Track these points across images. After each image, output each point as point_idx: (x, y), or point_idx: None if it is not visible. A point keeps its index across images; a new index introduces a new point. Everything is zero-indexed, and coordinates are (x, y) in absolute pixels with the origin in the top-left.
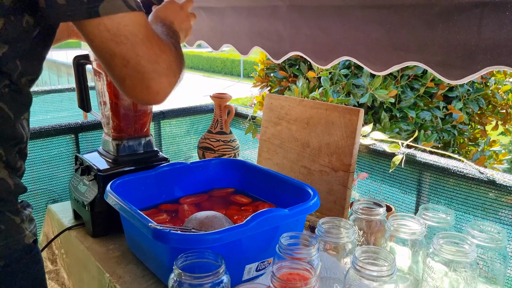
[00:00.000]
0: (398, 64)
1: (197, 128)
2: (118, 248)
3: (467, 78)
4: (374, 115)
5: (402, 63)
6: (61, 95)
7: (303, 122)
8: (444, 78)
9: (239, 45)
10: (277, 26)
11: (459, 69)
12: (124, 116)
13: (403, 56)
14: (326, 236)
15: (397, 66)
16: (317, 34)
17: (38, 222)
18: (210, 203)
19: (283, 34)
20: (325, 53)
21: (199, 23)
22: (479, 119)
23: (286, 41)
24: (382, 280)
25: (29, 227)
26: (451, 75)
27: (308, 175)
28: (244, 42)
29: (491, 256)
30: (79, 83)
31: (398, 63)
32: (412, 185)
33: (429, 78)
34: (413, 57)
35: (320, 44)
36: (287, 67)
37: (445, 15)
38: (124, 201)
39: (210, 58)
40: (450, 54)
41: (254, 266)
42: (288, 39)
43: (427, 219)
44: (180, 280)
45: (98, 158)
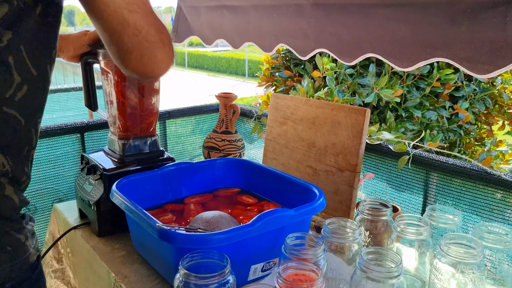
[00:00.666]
0: (425, 60)
1: (202, 128)
2: (124, 247)
3: (495, 72)
4: (380, 115)
5: (429, 59)
6: (67, 94)
7: (309, 122)
8: (472, 73)
9: (262, 43)
10: (302, 24)
11: (487, 64)
12: (130, 115)
13: (430, 53)
14: (332, 237)
15: (423, 62)
16: (341, 31)
17: (44, 221)
18: (215, 202)
19: (307, 32)
20: (350, 50)
21: (220, 21)
22: (485, 119)
23: (311, 39)
24: (388, 281)
25: (32, 243)
26: (480, 70)
27: (314, 175)
28: (268, 40)
29: (499, 258)
30: (86, 82)
31: (425, 59)
32: (419, 185)
33: (435, 77)
34: (440, 53)
35: (345, 42)
36: (292, 67)
37: (470, 13)
38: (129, 201)
39: (215, 58)
40: (476, 50)
41: (259, 267)
42: (313, 37)
43: (434, 220)
44: (186, 280)
45: (104, 158)
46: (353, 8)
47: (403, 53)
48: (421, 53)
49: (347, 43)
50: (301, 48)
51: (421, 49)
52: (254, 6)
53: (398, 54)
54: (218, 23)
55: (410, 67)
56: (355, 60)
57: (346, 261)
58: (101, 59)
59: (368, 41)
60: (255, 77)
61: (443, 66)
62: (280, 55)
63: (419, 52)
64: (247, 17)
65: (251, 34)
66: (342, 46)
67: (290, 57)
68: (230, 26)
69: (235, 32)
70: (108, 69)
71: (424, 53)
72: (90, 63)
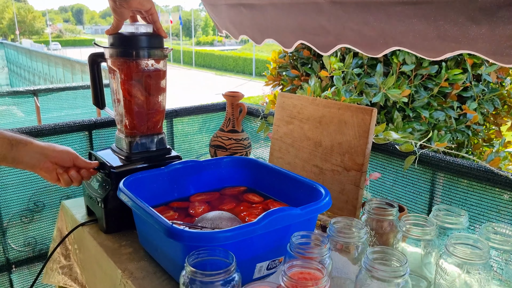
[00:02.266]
0: (451, 52)
1: (209, 126)
2: (130, 244)
3: None
4: (387, 115)
5: (455, 51)
6: (75, 93)
7: (315, 121)
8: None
9: (282, 40)
10: (321, 21)
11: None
12: (137, 113)
13: (454, 47)
14: (338, 236)
15: (449, 53)
16: (362, 28)
17: (52, 218)
18: (221, 201)
19: (328, 29)
20: (374, 44)
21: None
22: (494, 119)
23: (332, 35)
24: (394, 281)
25: None
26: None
27: (320, 174)
28: (288, 36)
29: (505, 258)
30: (94, 81)
31: (451, 51)
32: (425, 185)
33: (443, 77)
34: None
35: (368, 37)
36: (299, 66)
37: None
38: (136, 198)
39: (222, 57)
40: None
41: (265, 265)
42: (333, 33)
43: (440, 220)
44: (192, 277)
45: (111, 155)
46: (371, 6)
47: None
48: (446, 46)
49: (370, 38)
50: (322, 44)
51: (446, 43)
52: (272, 4)
53: (424, 47)
54: (239, 20)
55: (438, 57)
56: (382, 53)
57: (352, 260)
58: (108, 58)
59: (392, 36)
60: (262, 76)
61: (451, 66)
62: (287, 54)
63: (444, 46)
64: (265, 14)
65: (270, 31)
66: (365, 41)
67: (297, 57)
68: (249, 23)
69: (256, 29)
70: (115, 67)
71: (449, 47)
72: (97, 61)
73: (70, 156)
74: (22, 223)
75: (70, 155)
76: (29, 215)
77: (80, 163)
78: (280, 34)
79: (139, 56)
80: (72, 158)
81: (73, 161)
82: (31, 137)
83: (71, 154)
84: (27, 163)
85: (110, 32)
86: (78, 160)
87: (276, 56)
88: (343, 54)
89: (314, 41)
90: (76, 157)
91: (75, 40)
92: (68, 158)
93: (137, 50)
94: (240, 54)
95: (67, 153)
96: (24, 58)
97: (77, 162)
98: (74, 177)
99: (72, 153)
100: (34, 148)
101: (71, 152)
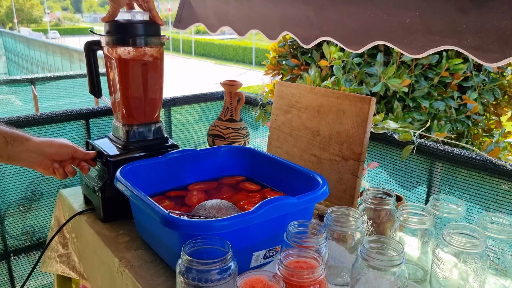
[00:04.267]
0: (434, 48)
1: (207, 116)
2: (128, 233)
3: (504, 61)
4: (387, 105)
5: (439, 47)
6: (73, 81)
7: (313, 110)
8: (481, 61)
9: (267, 30)
10: (307, 12)
11: (497, 53)
12: (134, 102)
13: (439, 41)
14: (335, 225)
15: (433, 49)
16: (347, 19)
17: (50, 207)
18: (218, 190)
19: (312, 20)
20: (357, 38)
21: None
22: (494, 109)
23: (316, 26)
24: (390, 270)
25: None
26: (489, 58)
27: (318, 163)
28: (273, 27)
29: (502, 248)
30: (90, 69)
31: (434, 47)
32: (423, 175)
33: (443, 67)
34: (449, 41)
35: (351, 29)
36: (299, 55)
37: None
38: (133, 187)
39: (222, 46)
40: (485, 39)
41: (262, 254)
42: (317, 25)
43: (437, 210)
44: (188, 266)
45: (108, 144)
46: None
47: (412, 40)
48: (430, 40)
49: (353, 31)
50: (305, 36)
51: (430, 37)
52: None
53: (407, 41)
54: (224, 10)
55: (420, 54)
56: (363, 48)
57: (348, 249)
58: (104, 46)
59: (376, 29)
60: (262, 66)
61: (452, 56)
62: (287, 43)
63: (429, 40)
64: (252, 4)
65: (256, 22)
66: (348, 34)
67: (297, 46)
68: (235, 13)
69: (240, 20)
70: (112, 55)
71: (433, 41)
72: (93, 49)
73: (68, 149)
74: (20, 212)
75: (68, 148)
76: (27, 204)
77: (78, 155)
78: (266, 24)
79: (135, 44)
80: (71, 151)
81: (71, 154)
82: (28, 133)
83: (69, 147)
84: (23, 162)
85: (106, 19)
86: (77, 153)
87: (276, 45)
88: None
89: (298, 33)
90: (74, 150)
91: (74, 28)
92: (66, 152)
93: (133, 37)
94: (240, 43)
95: (65, 147)
96: (22, 46)
97: (76, 154)
98: (70, 172)
99: (70, 146)
100: (30, 146)
101: (69, 145)
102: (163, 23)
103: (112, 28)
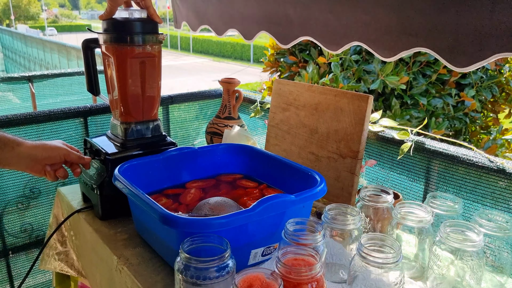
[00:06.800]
0: (406, 50)
1: (205, 113)
2: (126, 231)
3: (474, 65)
4: (385, 102)
5: (411, 49)
6: (71, 79)
7: (311, 108)
8: (451, 65)
9: (244, 30)
10: (287, 10)
11: (468, 55)
12: (132, 100)
13: (412, 42)
14: (332, 223)
15: (405, 52)
16: (328, 18)
17: (48, 205)
18: (216, 188)
19: (292, 18)
20: (336, 38)
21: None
22: (491, 107)
23: (296, 26)
24: (387, 267)
25: None
26: (459, 62)
27: (315, 161)
28: (251, 27)
29: (498, 245)
30: (87, 67)
31: (406, 49)
32: (421, 173)
33: (441, 64)
34: (422, 43)
35: (331, 29)
36: (297, 53)
37: None
38: (132, 185)
39: (220, 43)
40: (460, 39)
41: (260, 251)
42: (297, 23)
43: (434, 207)
44: (186, 263)
45: (106, 142)
46: None
47: (386, 42)
48: (404, 42)
49: (333, 31)
50: (284, 35)
51: (405, 38)
52: None
53: (381, 43)
54: (204, 8)
55: (392, 57)
56: (341, 48)
57: (346, 247)
58: (102, 43)
59: (354, 29)
60: (260, 63)
61: None
62: None
63: (403, 41)
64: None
65: (235, 21)
66: (328, 33)
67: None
68: (214, 12)
69: (219, 19)
70: (109, 53)
71: (407, 42)
72: (91, 47)
73: (60, 152)
74: (18, 209)
75: (61, 151)
76: (25, 201)
77: (71, 158)
78: (244, 23)
79: (133, 42)
80: (63, 155)
81: (63, 158)
82: (20, 136)
83: (62, 150)
84: (14, 166)
85: (104, 17)
86: (70, 156)
87: (274, 42)
88: None
89: (276, 32)
90: (67, 153)
91: (71, 25)
92: (58, 156)
93: (131, 35)
94: (238, 40)
95: (58, 150)
96: (19, 43)
97: (69, 158)
98: (61, 176)
99: (63, 149)
100: (22, 152)
101: (62, 148)
102: (160, 21)
103: (110, 26)
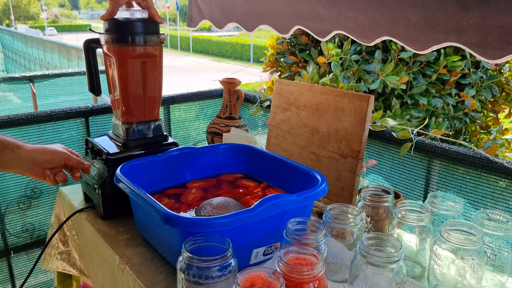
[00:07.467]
0: (438, 44)
1: (206, 113)
2: (128, 230)
3: (506, 57)
4: (385, 102)
5: (442, 44)
6: (72, 79)
7: (312, 108)
8: (484, 58)
9: (278, 25)
10: (316, 8)
11: (497, 49)
12: (133, 100)
13: (443, 38)
14: (334, 222)
15: (436, 46)
16: (357, 15)
17: (50, 204)
18: (217, 187)
19: (323, 15)
20: (367, 33)
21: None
22: (492, 106)
23: (327, 21)
24: (388, 266)
25: None
26: (490, 55)
27: (316, 161)
28: (284, 22)
29: (499, 245)
30: (89, 67)
31: (437, 43)
32: (421, 172)
33: (441, 64)
34: (452, 38)
35: (361, 25)
36: (297, 52)
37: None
38: (133, 185)
39: (220, 43)
40: (487, 36)
41: (261, 251)
42: (329, 19)
43: (435, 207)
44: (189, 263)
45: (108, 142)
46: None
47: (416, 37)
48: (434, 37)
49: (363, 26)
50: (319, 30)
51: (434, 34)
52: None
53: (412, 38)
54: (230, 6)
55: (424, 50)
56: (373, 41)
57: (347, 246)
58: (103, 44)
59: (383, 25)
60: (260, 63)
61: (450, 53)
62: (285, 40)
63: (432, 37)
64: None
65: (265, 17)
66: (359, 28)
67: (295, 43)
68: (242, 8)
69: (248, 15)
70: (111, 53)
71: (437, 37)
72: (92, 47)
73: (60, 156)
74: (20, 209)
75: (61, 155)
76: (27, 201)
77: (71, 163)
78: (276, 19)
79: (134, 42)
80: (63, 159)
81: (63, 161)
82: (20, 139)
83: (62, 154)
84: (14, 169)
85: (105, 17)
86: (70, 160)
87: (274, 42)
88: (341, 40)
89: (311, 27)
90: (67, 157)
91: (71, 25)
92: (59, 159)
93: (132, 35)
94: (238, 40)
95: (58, 154)
96: (20, 44)
97: (69, 162)
98: (61, 180)
99: (63, 153)
100: (22, 155)
101: (62, 152)
102: (162, 21)
103: (111, 26)
